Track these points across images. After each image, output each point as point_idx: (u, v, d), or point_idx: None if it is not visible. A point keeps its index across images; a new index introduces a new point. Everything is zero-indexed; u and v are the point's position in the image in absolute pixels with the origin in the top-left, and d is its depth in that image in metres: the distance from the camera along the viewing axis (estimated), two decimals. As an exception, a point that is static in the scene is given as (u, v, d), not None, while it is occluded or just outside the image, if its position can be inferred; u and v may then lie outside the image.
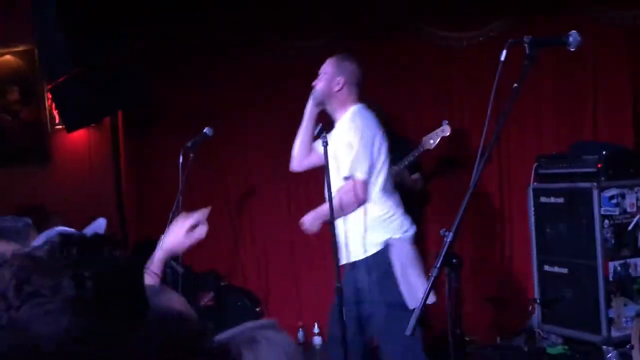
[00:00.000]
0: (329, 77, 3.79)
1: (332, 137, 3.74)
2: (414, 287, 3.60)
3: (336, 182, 3.66)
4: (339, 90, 3.78)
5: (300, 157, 4.01)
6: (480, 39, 5.40)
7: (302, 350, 5.76)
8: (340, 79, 3.77)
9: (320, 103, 3.84)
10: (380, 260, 3.66)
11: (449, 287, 2.34)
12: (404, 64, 5.80)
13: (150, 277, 1.93)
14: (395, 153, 5.11)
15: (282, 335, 1.20)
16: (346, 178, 3.64)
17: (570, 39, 2.47)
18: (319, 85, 3.84)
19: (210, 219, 6.65)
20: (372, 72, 5.78)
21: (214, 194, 6.20)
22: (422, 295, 3.48)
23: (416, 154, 4.95)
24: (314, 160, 3.98)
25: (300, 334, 5.90)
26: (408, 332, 2.26)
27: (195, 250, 6.41)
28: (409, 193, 5.20)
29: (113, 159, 6.36)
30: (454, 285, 2.33)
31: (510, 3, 5.41)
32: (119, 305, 0.90)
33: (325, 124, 3.74)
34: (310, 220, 3.79)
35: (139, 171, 6.33)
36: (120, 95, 5.32)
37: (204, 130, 4.21)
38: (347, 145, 3.64)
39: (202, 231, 2.35)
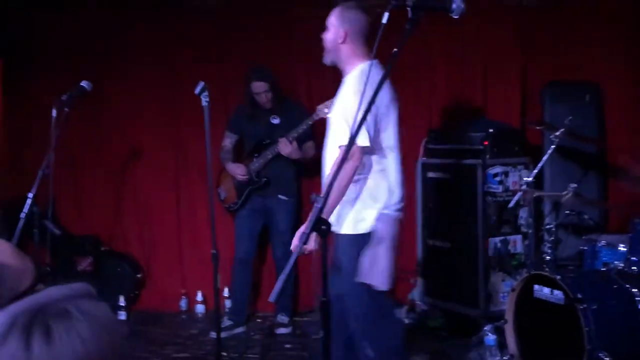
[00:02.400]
0: (334, 29, 3.42)
1: (337, 97, 3.45)
2: (378, 267, 3.26)
3: (330, 148, 3.39)
4: (342, 43, 3.40)
5: None
6: (378, 10, 5.32)
7: (185, 317, 5.64)
8: (343, 31, 3.39)
9: (331, 60, 3.46)
10: (366, 240, 3.27)
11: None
12: (304, 29, 5.68)
13: None
14: (289, 121, 5.05)
15: (99, 305, 1.05)
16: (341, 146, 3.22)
17: (454, 5, 2.42)
18: (325, 38, 3.47)
19: (91, 181, 6.41)
20: (271, 38, 5.69)
21: (96, 154, 5.94)
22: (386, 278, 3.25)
23: (310, 123, 4.86)
24: None
25: (184, 302, 5.78)
26: (272, 298, 2.18)
27: (75, 213, 6.18)
28: (301, 162, 5.15)
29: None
30: (323, 252, 2.25)
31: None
32: None
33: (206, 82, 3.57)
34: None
35: (15, 123, 5.95)
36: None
37: (81, 84, 3.96)
38: (344, 109, 3.25)
39: None
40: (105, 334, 1.00)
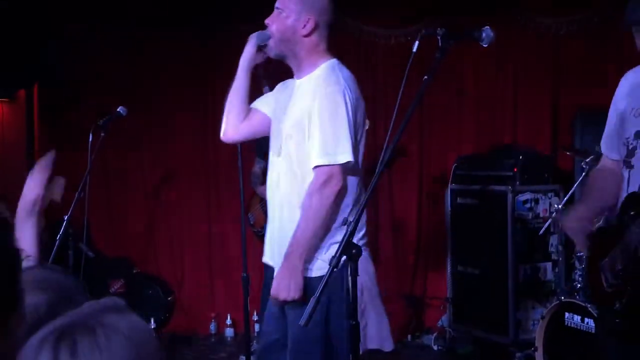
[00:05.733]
0: (293, 14, 2.66)
1: (292, 102, 2.70)
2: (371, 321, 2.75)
3: (290, 169, 2.69)
4: (306, 35, 2.66)
5: (236, 122, 2.92)
6: (409, 38, 5.38)
7: (214, 341, 5.67)
8: (310, 19, 2.65)
9: (278, 54, 2.75)
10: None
11: (347, 278, 2.29)
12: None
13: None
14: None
15: (127, 319, 1.05)
16: (317, 167, 2.58)
17: (483, 34, 2.42)
18: (276, 25, 2.71)
19: (124, 205, 6.49)
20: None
21: (130, 178, 6.03)
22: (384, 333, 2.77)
23: None
24: (255, 126, 2.93)
25: (213, 325, 5.81)
26: (302, 321, 2.19)
27: (108, 235, 6.26)
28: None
29: (27, 135, 6.11)
30: (352, 276, 2.27)
31: (441, 3, 5.42)
32: None
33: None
34: None
35: (53, 148, 6.09)
36: (31, 69, 5.10)
37: (118, 109, 4.05)
38: (318, 117, 2.58)
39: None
40: (132, 346, 1.02)
